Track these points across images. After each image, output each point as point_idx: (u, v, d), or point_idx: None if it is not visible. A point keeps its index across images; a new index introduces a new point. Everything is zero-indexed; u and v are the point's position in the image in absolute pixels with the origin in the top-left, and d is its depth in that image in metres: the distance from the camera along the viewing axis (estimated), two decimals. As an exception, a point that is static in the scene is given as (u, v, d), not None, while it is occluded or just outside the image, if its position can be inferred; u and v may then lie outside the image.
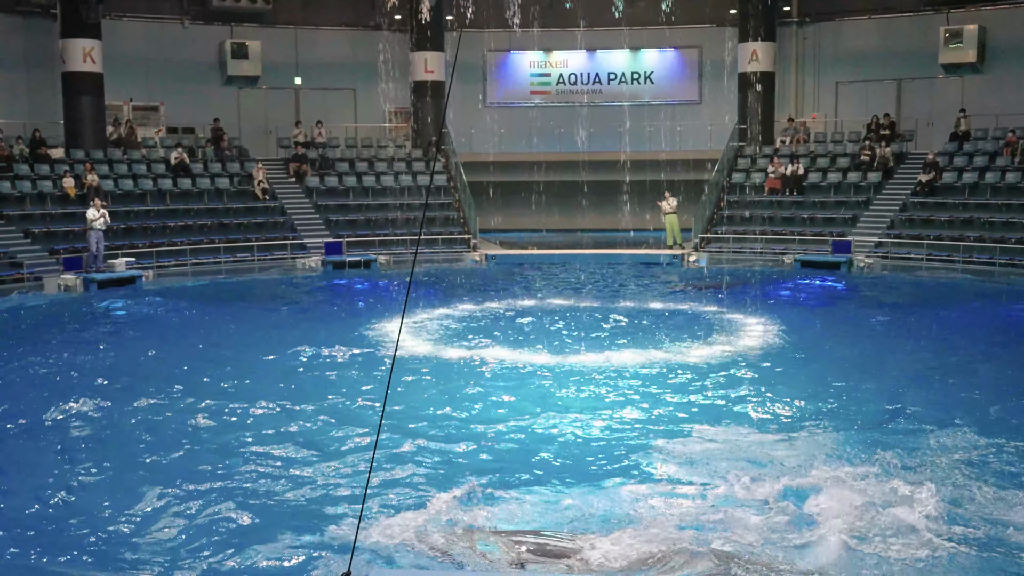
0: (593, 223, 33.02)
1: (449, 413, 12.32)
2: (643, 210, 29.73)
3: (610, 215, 31.95)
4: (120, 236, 26.45)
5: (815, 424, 11.77)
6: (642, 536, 8.17)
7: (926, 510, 8.66)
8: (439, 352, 16.04)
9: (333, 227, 29.87)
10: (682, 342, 16.77)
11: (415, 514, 8.75)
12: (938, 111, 31.46)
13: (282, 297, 23.11)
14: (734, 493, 9.31)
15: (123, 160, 29.05)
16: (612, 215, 31.43)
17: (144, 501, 9.27)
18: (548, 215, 31.89)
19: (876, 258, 26.87)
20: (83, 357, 15.75)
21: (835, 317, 20.37)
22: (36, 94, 29.91)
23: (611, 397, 13.16)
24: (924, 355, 15.79)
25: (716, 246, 29.56)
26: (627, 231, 30.46)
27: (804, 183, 30.63)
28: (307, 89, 34.26)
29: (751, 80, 31.79)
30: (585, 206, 30.34)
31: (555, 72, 36.29)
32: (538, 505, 9.22)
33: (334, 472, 10.13)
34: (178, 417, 12.11)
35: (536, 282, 25.02)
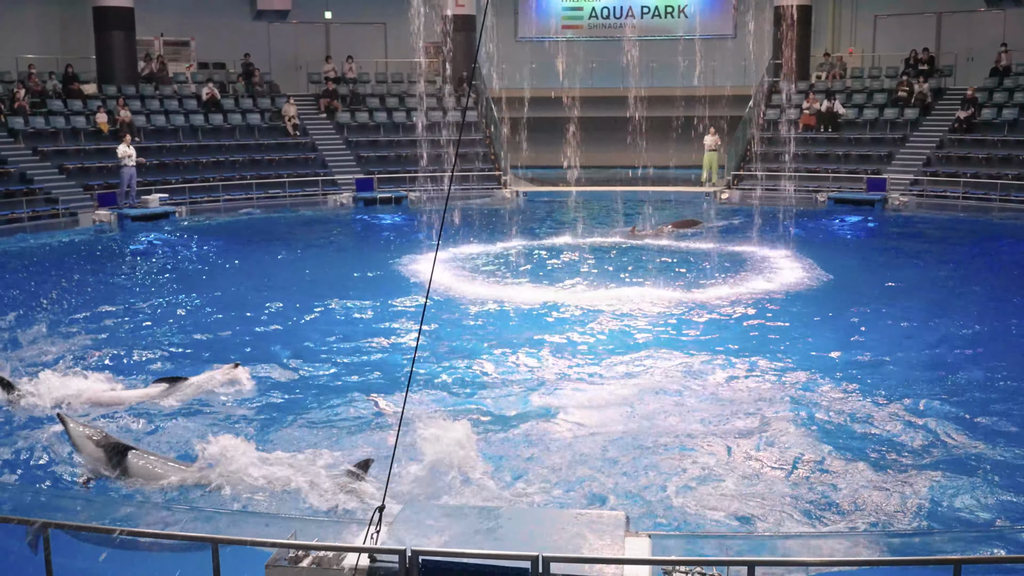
0: (627, 160, 32.73)
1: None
2: (679, 147, 29.45)
3: (644, 151, 31.64)
4: (153, 172, 26.58)
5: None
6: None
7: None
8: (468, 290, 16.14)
9: (364, 163, 29.86)
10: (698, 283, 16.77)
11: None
12: (978, 45, 30.79)
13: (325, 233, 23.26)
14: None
15: (155, 96, 29.08)
16: (646, 151, 31.12)
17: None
18: (581, 151, 31.63)
19: (911, 196, 26.55)
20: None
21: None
22: (68, 30, 29.92)
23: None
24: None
25: (748, 183, 29.29)
26: (663, 167, 30.22)
27: (839, 119, 30.19)
28: (337, 23, 34.02)
29: (787, 13, 31.14)
30: (618, 142, 30.06)
31: (587, 5, 35.80)
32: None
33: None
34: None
35: (564, 219, 24.98)
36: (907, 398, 10.42)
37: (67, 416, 9.01)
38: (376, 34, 34.25)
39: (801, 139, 29.89)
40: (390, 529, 5.27)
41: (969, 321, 13.87)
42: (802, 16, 31.19)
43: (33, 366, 11.33)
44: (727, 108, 29.86)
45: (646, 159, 29.44)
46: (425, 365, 11.58)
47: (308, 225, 24.52)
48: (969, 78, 30.04)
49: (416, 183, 28.63)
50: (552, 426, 9.74)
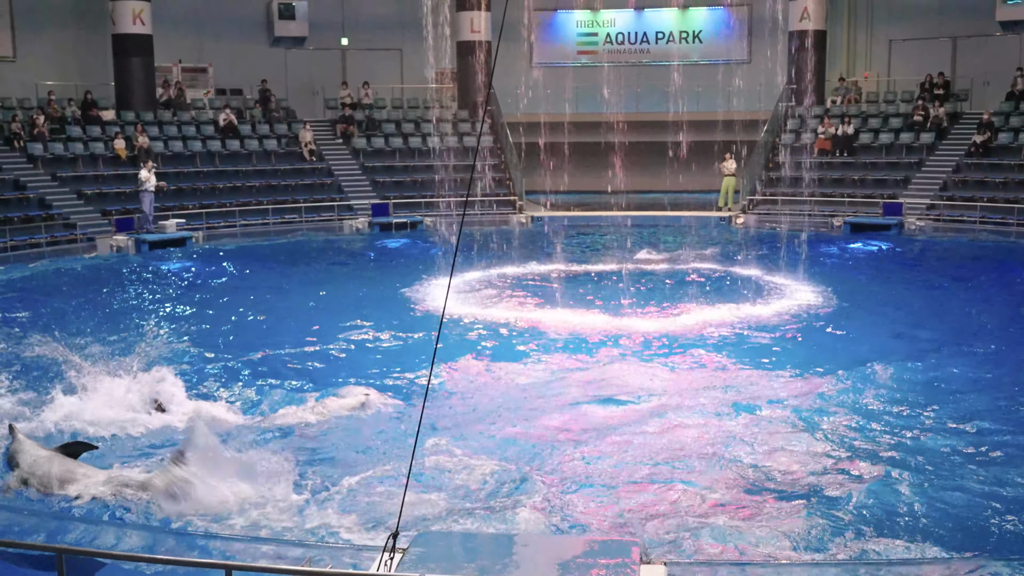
0: (640, 184, 32.78)
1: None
2: (691, 171, 29.47)
3: (657, 176, 31.68)
4: (170, 197, 26.73)
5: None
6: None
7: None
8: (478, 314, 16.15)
9: (379, 188, 29.98)
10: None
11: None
12: (994, 70, 30.73)
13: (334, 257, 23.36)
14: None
15: (173, 121, 29.31)
16: (659, 176, 31.17)
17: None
18: (595, 176, 31.68)
19: (928, 220, 26.45)
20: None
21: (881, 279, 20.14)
22: (87, 56, 30.22)
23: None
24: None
25: (764, 208, 29.25)
26: (674, 192, 30.24)
27: (855, 144, 30.17)
28: (353, 50, 34.27)
29: (802, 38, 31.23)
30: (632, 167, 30.09)
31: (602, 31, 35.96)
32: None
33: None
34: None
35: (579, 244, 24.99)
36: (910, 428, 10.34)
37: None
38: (392, 60, 34.47)
39: (817, 163, 29.82)
40: (404, 558, 5.25)
41: (987, 347, 13.78)
42: (817, 41, 31.25)
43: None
44: (742, 133, 29.87)
45: (663, 184, 29.52)
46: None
47: (325, 249, 24.59)
48: (985, 102, 29.99)
49: (431, 208, 28.71)
50: (571, 446, 9.73)
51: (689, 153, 28.67)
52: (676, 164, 27.85)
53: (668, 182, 29.57)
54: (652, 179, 32.76)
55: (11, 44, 29.21)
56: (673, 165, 27.84)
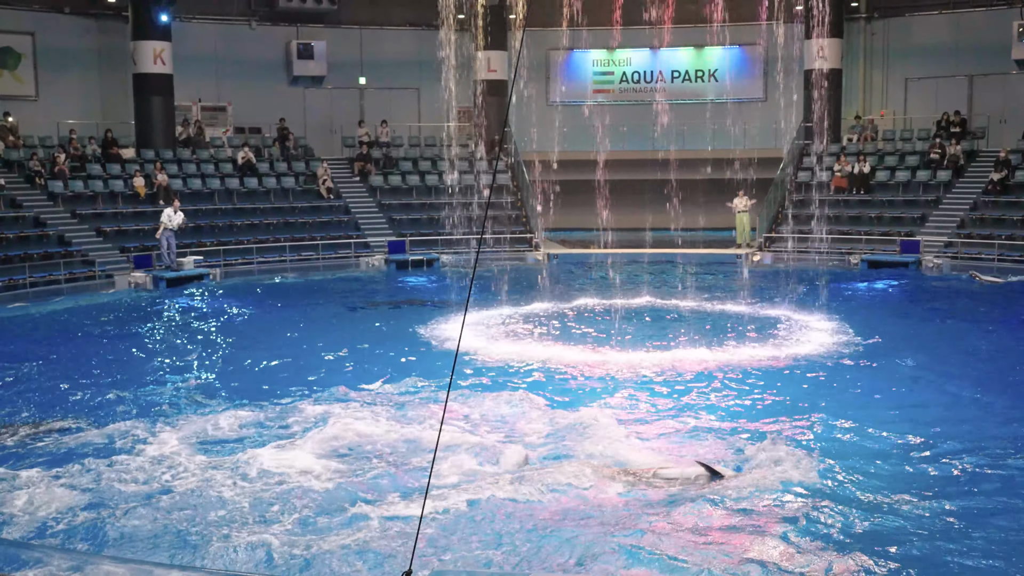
0: (657, 222, 32.77)
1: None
2: (709, 208, 29.46)
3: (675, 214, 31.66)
4: (188, 235, 26.89)
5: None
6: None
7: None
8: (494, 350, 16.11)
9: (396, 226, 30.09)
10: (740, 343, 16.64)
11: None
12: (1011, 108, 30.73)
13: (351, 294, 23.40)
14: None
15: (192, 160, 29.56)
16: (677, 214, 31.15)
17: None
18: (612, 214, 31.71)
19: (945, 258, 26.34)
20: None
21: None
22: (108, 95, 30.60)
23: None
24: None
25: (781, 246, 29.20)
26: (691, 230, 30.20)
27: (871, 181, 30.14)
28: (371, 88, 34.55)
29: (817, 77, 31.28)
30: (649, 205, 30.11)
31: (618, 70, 36.15)
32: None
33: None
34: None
35: (594, 282, 24.97)
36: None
37: None
38: (410, 98, 34.72)
39: (833, 201, 29.82)
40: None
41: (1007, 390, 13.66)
42: (833, 79, 31.30)
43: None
44: (758, 171, 29.86)
45: (677, 221, 29.48)
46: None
47: (342, 287, 24.65)
48: (1002, 140, 29.96)
49: (448, 246, 28.77)
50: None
51: (706, 191, 28.71)
52: (694, 201, 27.85)
53: (684, 219, 29.53)
54: (668, 216, 32.73)
55: (34, 83, 29.61)
56: (691, 202, 27.83)
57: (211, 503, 9.31)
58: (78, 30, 30.11)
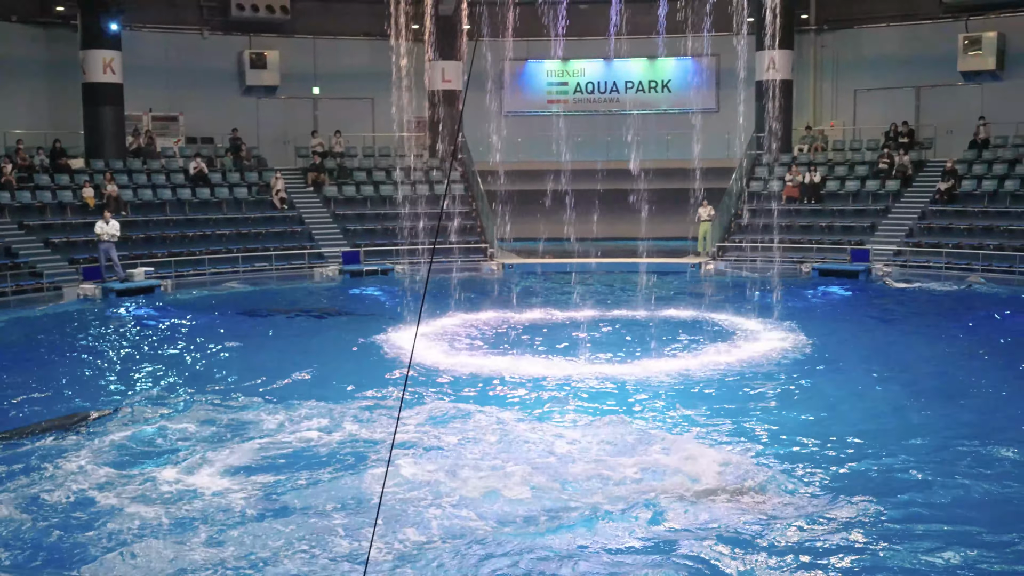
0: (611, 232, 32.93)
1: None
2: (662, 218, 29.62)
3: (628, 224, 31.85)
4: (139, 246, 26.62)
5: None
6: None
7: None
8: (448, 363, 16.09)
9: (350, 236, 29.97)
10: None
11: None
12: (957, 119, 31.26)
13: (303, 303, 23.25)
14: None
15: (142, 170, 29.25)
16: (630, 224, 31.33)
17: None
18: (566, 224, 31.82)
19: (895, 266, 26.72)
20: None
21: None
22: (57, 104, 30.21)
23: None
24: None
25: (733, 255, 29.47)
26: (644, 239, 30.35)
27: (822, 191, 30.53)
28: (325, 98, 34.43)
29: (769, 88, 31.64)
30: (603, 215, 30.25)
31: (572, 81, 36.33)
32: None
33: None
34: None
35: (549, 291, 25.02)
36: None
37: None
38: (363, 109, 34.61)
39: (785, 210, 30.12)
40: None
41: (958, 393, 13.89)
42: (784, 90, 31.68)
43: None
44: (711, 180, 30.10)
45: (632, 231, 29.64)
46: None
47: (295, 297, 24.45)
48: (949, 150, 30.49)
49: (402, 256, 28.69)
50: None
51: (659, 200, 28.85)
52: (646, 211, 27.98)
53: (638, 229, 29.67)
54: (622, 226, 32.93)
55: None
56: (642, 212, 27.97)
57: (123, 517, 9.27)
58: (26, 39, 29.72)
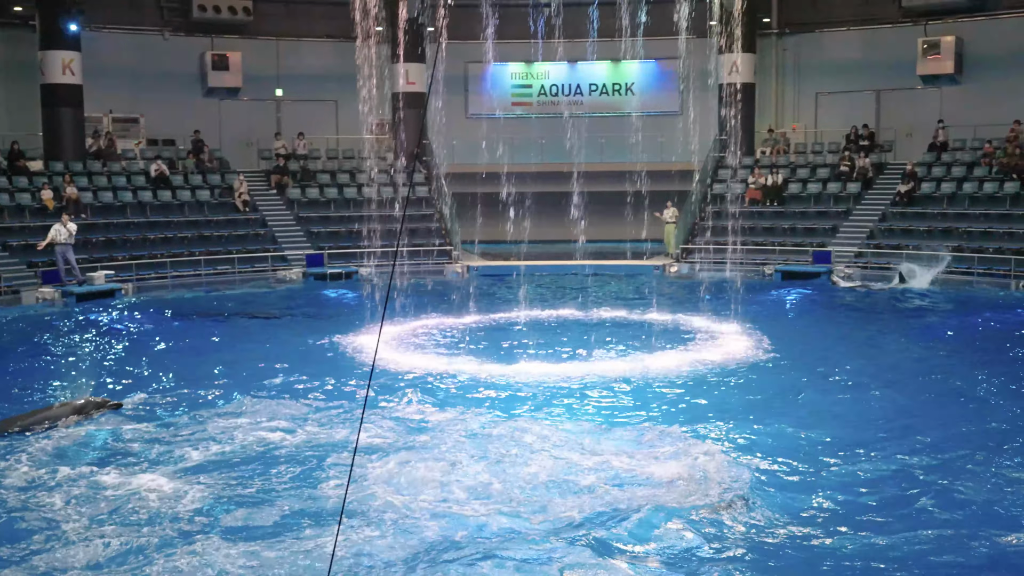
0: (575, 234, 32.96)
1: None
2: (625, 220, 29.72)
3: (593, 225, 31.91)
4: (99, 249, 26.32)
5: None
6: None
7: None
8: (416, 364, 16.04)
9: (314, 239, 29.80)
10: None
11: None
12: (917, 122, 31.64)
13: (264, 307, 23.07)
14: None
15: (103, 172, 28.92)
16: (595, 226, 31.40)
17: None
18: (530, 226, 31.86)
19: (856, 268, 26.95)
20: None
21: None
22: (15, 106, 29.81)
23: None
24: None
25: (697, 257, 29.61)
26: (607, 241, 30.47)
27: (784, 193, 30.75)
28: (288, 100, 34.24)
29: (731, 91, 31.86)
30: (567, 217, 30.30)
31: (536, 83, 36.38)
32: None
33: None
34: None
35: (514, 294, 25.03)
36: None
37: None
38: (327, 111, 34.45)
39: (748, 213, 30.30)
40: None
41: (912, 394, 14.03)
42: (746, 93, 31.89)
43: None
44: (675, 183, 30.27)
45: (596, 233, 29.72)
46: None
47: (257, 301, 24.27)
48: (909, 153, 30.83)
49: (367, 259, 28.56)
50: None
51: (625, 203, 28.95)
52: (613, 213, 28.10)
53: (601, 231, 29.79)
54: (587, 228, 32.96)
55: (-64, 94, 28.76)
56: (610, 214, 28.09)
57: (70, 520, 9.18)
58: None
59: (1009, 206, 27.07)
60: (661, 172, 29.42)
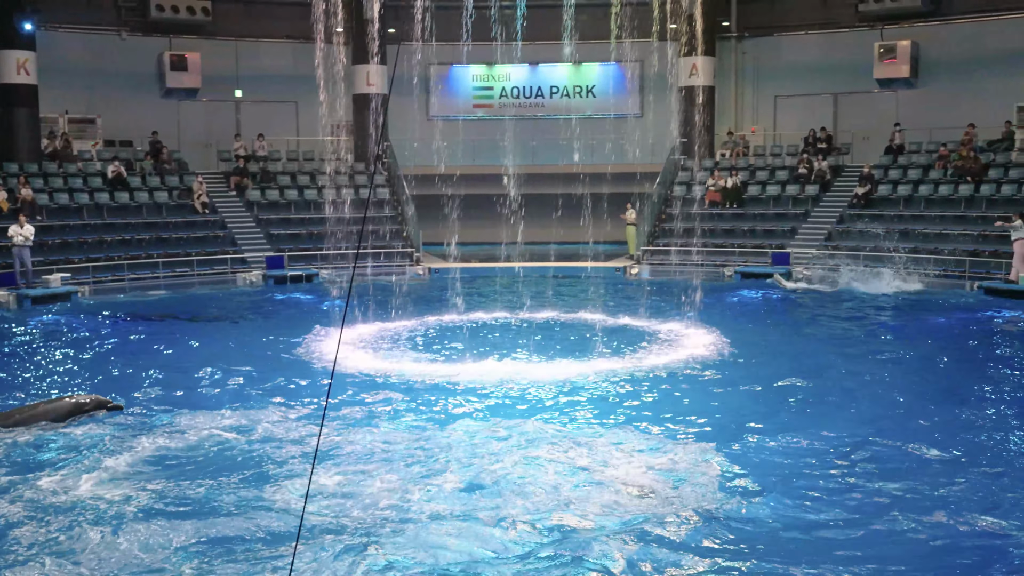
0: (535, 235, 33.05)
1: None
2: (587, 222, 29.80)
3: (552, 227, 32.01)
4: (55, 251, 25.99)
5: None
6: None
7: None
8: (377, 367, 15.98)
9: (274, 241, 29.62)
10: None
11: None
12: (873, 125, 32.04)
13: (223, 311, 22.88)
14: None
15: (59, 174, 28.56)
16: (557, 227, 31.49)
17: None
18: (492, 228, 31.89)
19: (814, 269, 27.21)
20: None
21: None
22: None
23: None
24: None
25: (658, 258, 29.78)
26: (570, 243, 30.56)
27: (743, 196, 31.00)
28: (248, 102, 34.00)
29: (691, 94, 32.10)
30: (527, 218, 30.35)
31: (498, 85, 36.40)
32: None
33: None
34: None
35: (476, 296, 25.03)
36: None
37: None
38: (287, 112, 34.27)
39: (708, 215, 30.55)
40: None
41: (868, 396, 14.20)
42: (706, 96, 32.14)
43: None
44: (636, 185, 30.42)
45: (558, 235, 29.82)
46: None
47: (215, 304, 24.08)
48: (866, 156, 31.20)
49: (327, 261, 28.44)
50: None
51: (584, 205, 29.04)
52: (571, 215, 28.16)
53: (563, 233, 29.86)
54: (547, 230, 33.07)
55: None
56: (568, 216, 28.14)
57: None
58: (-65, 39, 28.83)
59: (963, 208, 27.49)
60: (623, 174, 29.55)
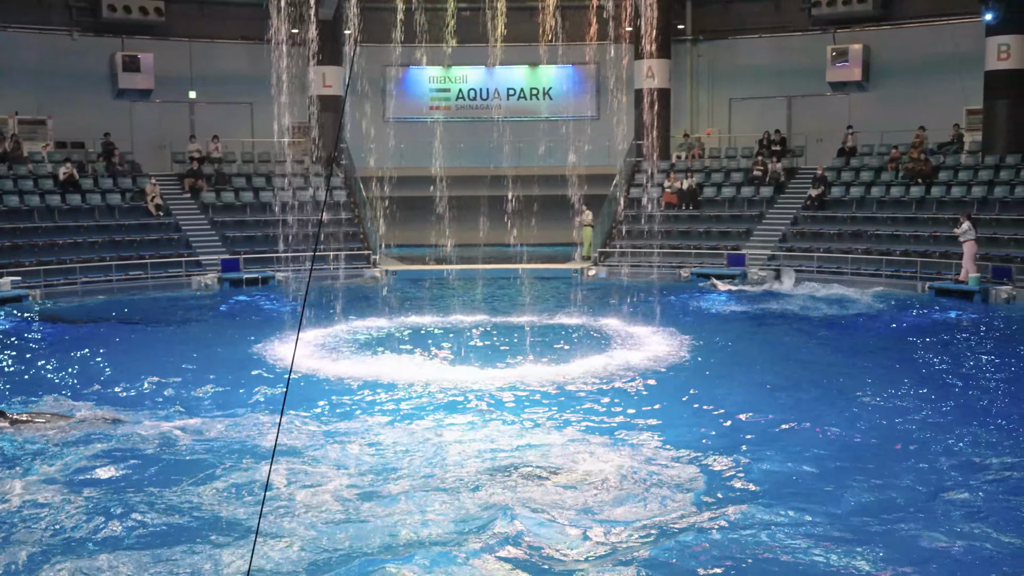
0: (493, 237, 33.06)
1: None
2: (544, 224, 29.87)
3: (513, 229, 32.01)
4: (6, 254, 25.59)
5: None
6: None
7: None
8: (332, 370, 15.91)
9: (230, 243, 29.37)
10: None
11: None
12: (827, 127, 32.42)
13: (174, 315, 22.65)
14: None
15: (8, 175, 28.10)
16: (515, 229, 31.50)
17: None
18: (449, 230, 31.85)
19: (769, 270, 27.48)
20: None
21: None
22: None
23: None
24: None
25: (614, 260, 29.90)
26: (528, 245, 30.56)
27: (699, 197, 31.23)
28: (202, 103, 33.68)
29: (647, 96, 32.23)
30: (485, 221, 30.37)
31: (454, 87, 36.37)
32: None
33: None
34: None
35: (431, 298, 25.01)
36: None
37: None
38: (242, 114, 33.97)
39: (664, 216, 30.69)
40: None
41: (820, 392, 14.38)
42: (662, 99, 32.33)
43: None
44: (592, 187, 30.50)
45: (514, 237, 29.83)
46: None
47: (169, 307, 23.83)
48: (819, 158, 31.56)
49: (283, 263, 28.24)
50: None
51: (542, 206, 29.10)
52: (531, 217, 28.19)
53: (521, 235, 29.84)
54: (506, 232, 33.06)
55: None
56: (528, 218, 28.16)
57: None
58: None
59: (915, 210, 27.89)
60: (579, 176, 29.61)
